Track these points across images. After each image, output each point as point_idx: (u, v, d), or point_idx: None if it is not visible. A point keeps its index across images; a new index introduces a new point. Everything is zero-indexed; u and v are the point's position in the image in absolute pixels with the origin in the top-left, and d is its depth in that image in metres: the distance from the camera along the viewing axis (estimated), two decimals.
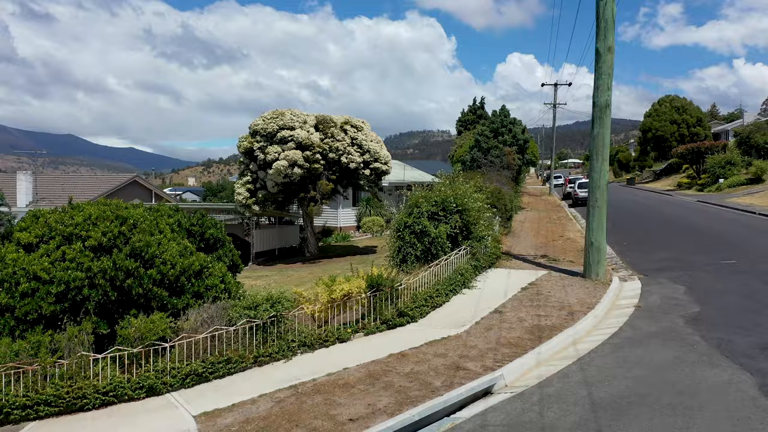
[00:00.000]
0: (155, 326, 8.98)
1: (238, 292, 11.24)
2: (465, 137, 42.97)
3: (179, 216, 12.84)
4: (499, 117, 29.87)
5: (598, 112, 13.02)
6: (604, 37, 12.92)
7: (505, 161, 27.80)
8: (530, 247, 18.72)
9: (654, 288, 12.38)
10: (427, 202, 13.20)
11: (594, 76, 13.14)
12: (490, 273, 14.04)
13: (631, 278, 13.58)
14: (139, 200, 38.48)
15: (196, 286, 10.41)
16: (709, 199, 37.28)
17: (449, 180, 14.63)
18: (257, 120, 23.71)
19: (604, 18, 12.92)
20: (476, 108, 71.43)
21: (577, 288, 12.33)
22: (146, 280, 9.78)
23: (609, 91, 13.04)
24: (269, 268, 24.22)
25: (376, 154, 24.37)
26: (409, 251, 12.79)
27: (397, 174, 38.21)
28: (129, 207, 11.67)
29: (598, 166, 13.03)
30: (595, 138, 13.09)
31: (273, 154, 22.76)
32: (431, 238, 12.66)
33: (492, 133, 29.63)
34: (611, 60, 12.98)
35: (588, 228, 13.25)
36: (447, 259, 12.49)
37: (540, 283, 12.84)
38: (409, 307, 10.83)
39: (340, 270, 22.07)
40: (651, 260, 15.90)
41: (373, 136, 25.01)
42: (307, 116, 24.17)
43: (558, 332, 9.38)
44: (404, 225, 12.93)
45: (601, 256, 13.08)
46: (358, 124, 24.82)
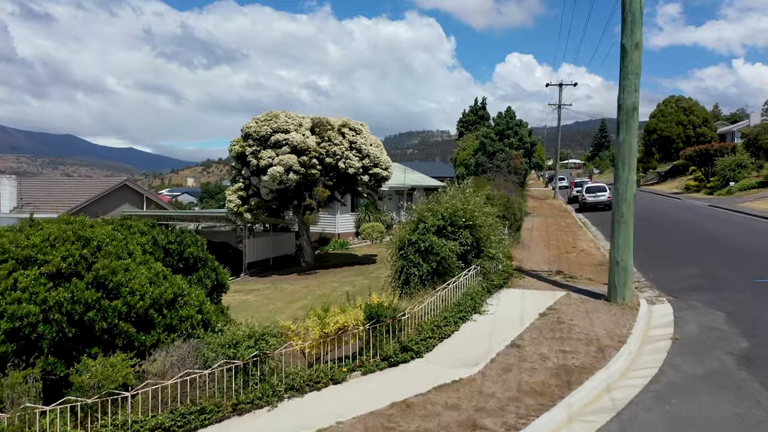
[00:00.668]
0: (115, 371, 7.60)
1: (218, 322, 9.85)
2: (468, 139, 41.60)
3: (155, 233, 11.48)
4: (504, 119, 28.50)
5: (624, 116, 11.65)
6: (630, 32, 11.56)
7: (512, 165, 26.44)
8: (543, 260, 17.35)
9: (688, 314, 11.01)
10: (433, 216, 11.83)
11: (619, 76, 11.77)
12: (502, 294, 12.66)
13: (659, 300, 12.22)
14: (129, 205, 37.15)
15: (168, 318, 9.04)
16: (720, 204, 35.94)
17: (458, 191, 13.24)
18: (250, 123, 22.36)
19: (631, 11, 11.56)
20: (477, 108, 70.06)
21: (603, 314, 10.96)
22: (110, 314, 8.40)
23: (636, 93, 11.68)
24: (262, 280, 22.84)
25: (376, 158, 23.00)
26: (413, 272, 11.43)
27: (398, 177, 36.83)
28: (96, 225, 10.29)
29: (625, 176, 11.67)
30: (620, 145, 11.73)
31: (266, 159, 21.39)
32: (438, 257, 11.30)
33: (497, 135, 28.27)
34: (639, 58, 11.61)
35: (613, 245, 11.88)
36: (456, 281, 11.12)
37: (560, 308, 11.47)
38: (414, 340, 9.46)
39: (337, 283, 20.72)
40: (676, 277, 14.54)
41: (373, 139, 23.66)
42: (303, 119, 22.81)
43: (589, 375, 8.02)
44: (408, 242, 11.56)
45: (628, 278, 11.71)
46: (356, 126, 23.46)
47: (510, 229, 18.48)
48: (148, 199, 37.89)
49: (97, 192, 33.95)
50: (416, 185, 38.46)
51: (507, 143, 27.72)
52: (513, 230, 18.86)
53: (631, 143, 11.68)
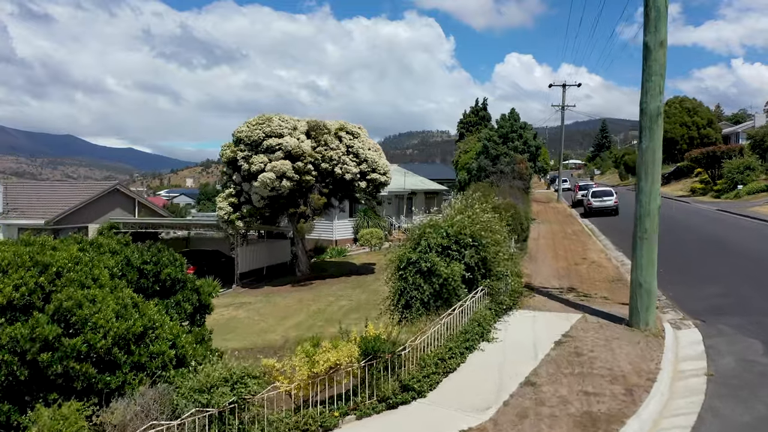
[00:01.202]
0: (66, 425, 6.51)
1: (196, 356, 8.75)
2: (469, 142, 40.50)
3: (129, 252, 10.35)
4: (508, 121, 27.40)
5: (648, 122, 10.56)
6: (654, 29, 10.46)
7: (517, 170, 25.34)
8: (552, 274, 16.26)
9: (719, 343, 9.91)
10: (436, 233, 10.73)
11: (642, 77, 10.69)
12: (512, 317, 11.57)
13: (685, 324, 11.12)
14: (120, 210, 36.02)
15: (137, 356, 7.92)
16: (730, 208, 34.86)
17: (463, 205, 12.12)
18: (241, 126, 21.26)
19: (655, 6, 10.46)
20: (478, 109, 68.91)
21: (625, 343, 9.85)
22: (67, 354, 7.31)
23: (661, 96, 10.59)
24: (255, 292, 21.72)
25: (374, 163, 21.90)
26: (414, 295, 10.33)
27: (398, 181, 35.71)
28: (60, 246, 9.18)
29: (648, 187, 10.58)
30: (643, 153, 10.64)
31: (258, 164, 20.29)
32: (442, 278, 10.20)
33: (501, 138, 27.16)
34: (664, 57, 10.52)
35: (635, 265, 10.77)
36: (462, 306, 10.02)
37: (577, 335, 10.36)
38: (415, 377, 8.37)
39: (333, 297, 19.60)
40: (698, 295, 13.44)
41: (371, 143, 22.56)
42: (298, 122, 21.71)
43: (618, 426, 6.92)
44: (408, 262, 10.46)
45: (651, 301, 10.61)
46: (354, 130, 22.36)
47: (517, 240, 17.39)
48: (140, 204, 36.72)
49: (87, 196, 32.80)
50: (416, 189, 37.35)
51: (511, 147, 26.63)
52: (520, 241, 17.77)
53: (655, 151, 10.59)
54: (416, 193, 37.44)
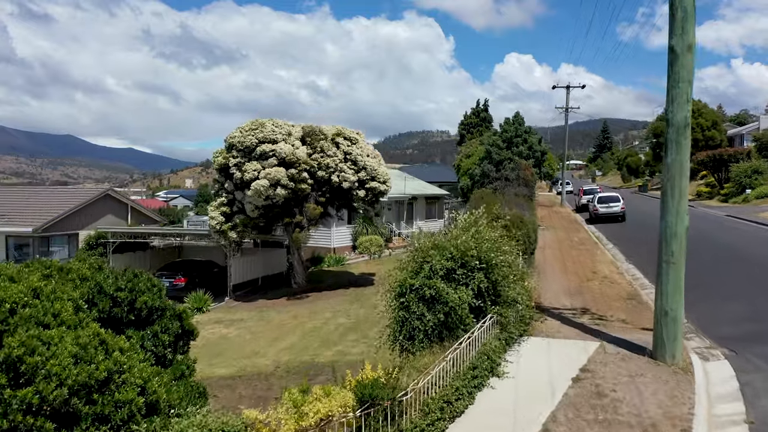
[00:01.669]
0: None
1: (170, 402, 7.76)
2: (471, 145, 39.52)
3: (100, 277, 9.36)
4: (512, 125, 26.40)
5: (674, 134, 9.57)
6: (681, 31, 9.47)
7: (522, 176, 24.35)
8: (563, 291, 15.27)
9: (756, 379, 8.91)
10: (440, 255, 9.74)
11: (667, 84, 9.70)
12: (523, 346, 10.57)
13: (713, 355, 10.13)
14: (112, 216, 35.01)
15: (100, 405, 6.90)
16: (739, 213, 33.83)
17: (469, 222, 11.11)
18: (234, 132, 20.28)
19: (682, 6, 9.47)
20: (479, 111, 68.01)
21: (651, 380, 8.86)
22: (16, 407, 6.32)
23: (688, 104, 9.59)
24: (248, 306, 20.73)
25: (374, 171, 20.92)
26: (416, 325, 9.34)
27: (398, 186, 34.71)
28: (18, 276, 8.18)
29: (674, 206, 9.59)
30: (669, 167, 9.65)
31: (251, 172, 19.32)
32: (447, 306, 9.21)
33: (505, 143, 26.17)
34: (691, 62, 9.52)
35: (660, 291, 9.78)
36: (470, 338, 9.03)
37: (596, 369, 9.37)
38: (419, 426, 7.37)
39: (330, 312, 18.60)
40: (723, 317, 12.47)
41: (370, 149, 21.58)
42: (292, 127, 20.73)
43: None
44: (409, 288, 9.47)
45: (678, 331, 9.62)
46: (351, 136, 21.38)
47: (524, 253, 16.39)
48: (132, 209, 35.74)
49: (78, 202, 31.80)
50: (417, 194, 36.36)
51: (515, 152, 25.65)
52: (527, 254, 16.78)
53: (682, 166, 9.59)
54: (417, 198, 36.44)
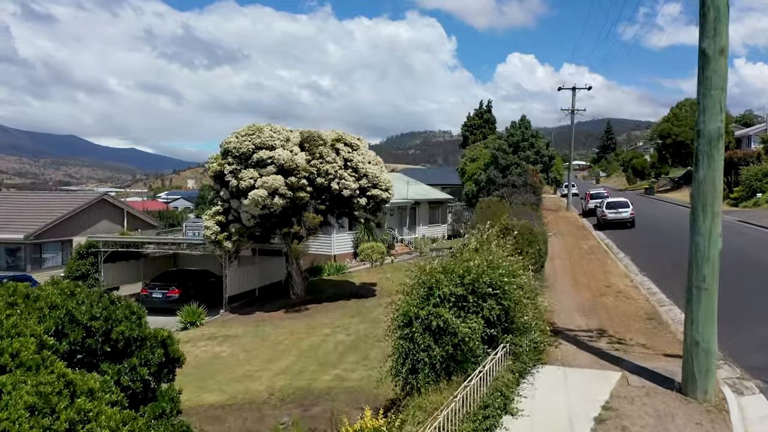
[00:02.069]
0: None
1: None
2: (475, 148, 38.62)
3: (72, 305, 8.50)
4: (519, 129, 25.51)
5: (706, 146, 8.66)
6: (713, 33, 8.56)
7: (529, 182, 23.45)
8: (576, 308, 14.38)
9: None
10: (449, 280, 8.86)
11: (697, 92, 8.79)
12: (537, 377, 9.68)
13: (747, 388, 9.22)
14: (107, 221, 34.21)
15: None
16: (751, 219, 32.87)
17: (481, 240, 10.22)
18: (229, 137, 19.44)
19: (715, 5, 8.57)
20: (483, 112, 67.10)
21: (683, 420, 7.97)
22: None
23: (722, 114, 8.68)
24: (244, 319, 19.87)
25: (375, 178, 20.05)
26: (421, 357, 8.47)
27: (400, 190, 33.83)
28: None
29: (706, 227, 8.68)
30: (700, 184, 8.75)
31: (248, 180, 18.47)
32: (456, 338, 8.34)
33: (511, 147, 25.28)
34: (725, 67, 8.62)
35: (691, 319, 8.88)
36: (481, 372, 8.15)
37: (620, 407, 8.47)
38: None
39: (329, 328, 17.70)
40: (752, 341, 11.55)
41: (371, 155, 20.71)
42: (291, 132, 19.88)
43: None
44: (414, 317, 8.59)
45: (711, 364, 8.72)
46: (352, 141, 20.51)
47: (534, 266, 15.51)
48: (129, 214, 34.98)
49: (72, 208, 31.03)
50: (420, 199, 35.48)
51: (522, 156, 24.76)
52: (537, 268, 15.89)
53: (715, 182, 8.68)
54: (420, 203, 35.56)
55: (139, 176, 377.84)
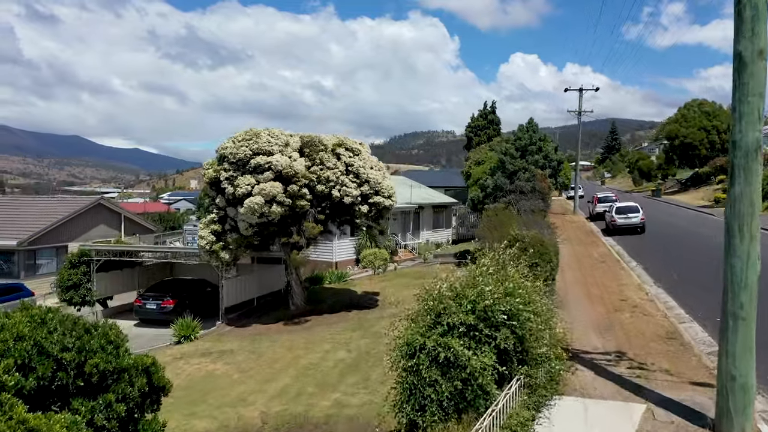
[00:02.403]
0: None
1: None
2: (480, 151, 37.79)
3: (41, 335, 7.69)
4: (527, 133, 24.66)
5: (742, 159, 7.81)
6: (751, 33, 7.72)
7: (538, 188, 22.61)
8: (591, 326, 13.54)
9: None
10: (459, 306, 8.03)
11: (733, 98, 7.95)
12: (554, 411, 8.84)
13: None
14: (105, 226, 33.48)
15: None
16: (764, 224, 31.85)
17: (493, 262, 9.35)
18: (225, 143, 18.67)
19: (752, 3, 7.73)
20: (487, 113, 66.31)
21: None
22: None
23: (760, 122, 7.84)
24: (241, 332, 19.07)
25: (378, 185, 19.24)
26: (428, 393, 7.65)
27: (403, 195, 33.00)
28: None
29: (744, 249, 7.83)
30: (736, 201, 7.90)
31: (244, 186, 17.68)
32: (466, 373, 7.52)
33: (518, 152, 24.42)
34: (764, 71, 7.77)
35: (726, 352, 8.03)
36: (494, 411, 7.32)
37: None
38: None
39: (330, 343, 16.85)
40: None
41: (373, 161, 19.89)
42: (290, 137, 19.08)
43: None
44: (420, 348, 7.77)
45: (749, 399, 7.88)
46: (354, 146, 19.71)
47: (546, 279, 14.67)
48: (126, 219, 34.24)
49: (67, 213, 30.28)
50: (424, 203, 34.66)
51: (531, 161, 23.89)
52: (549, 281, 15.05)
53: (752, 198, 7.84)
54: (424, 207, 34.73)
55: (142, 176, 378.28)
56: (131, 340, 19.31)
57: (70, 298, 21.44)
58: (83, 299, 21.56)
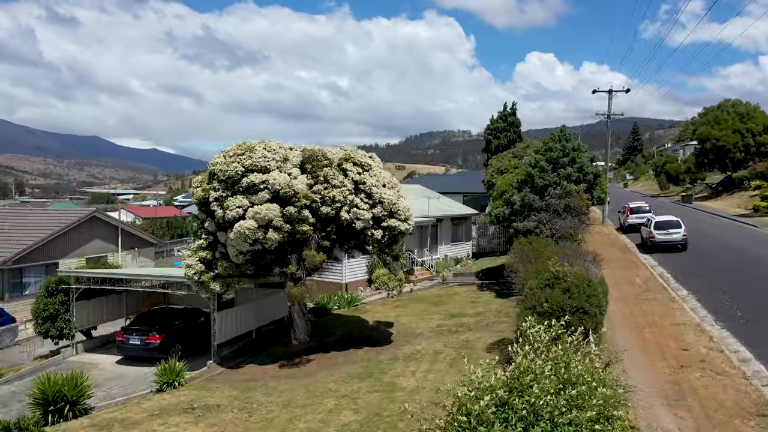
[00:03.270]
0: None
1: None
2: (503, 158, 35.05)
3: None
4: (559, 143, 21.94)
5: None
6: None
7: (572, 206, 19.92)
8: (657, 394, 10.87)
9: None
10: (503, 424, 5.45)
11: None
12: None
13: None
14: (100, 240, 31.24)
15: None
16: None
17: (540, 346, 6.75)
18: (216, 157, 16.28)
19: None
20: (507, 114, 63.24)
21: None
22: None
23: None
24: (233, 376, 16.63)
25: (392, 205, 16.72)
26: None
27: (420, 207, 30.42)
28: None
29: None
30: None
31: (234, 209, 15.27)
32: None
33: (550, 164, 21.71)
34: None
35: None
36: None
37: None
38: None
39: (334, 398, 14.16)
40: None
41: (386, 177, 17.37)
42: (289, 151, 16.66)
43: None
44: None
45: None
46: (363, 160, 17.20)
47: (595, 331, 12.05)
48: (123, 232, 32.06)
49: (57, 228, 28.13)
50: (442, 215, 32.06)
51: (563, 174, 21.18)
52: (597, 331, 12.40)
53: None
54: (442, 219, 32.14)
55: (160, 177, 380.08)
56: (109, 383, 16.52)
57: (46, 330, 19.20)
58: (61, 332, 19.28)
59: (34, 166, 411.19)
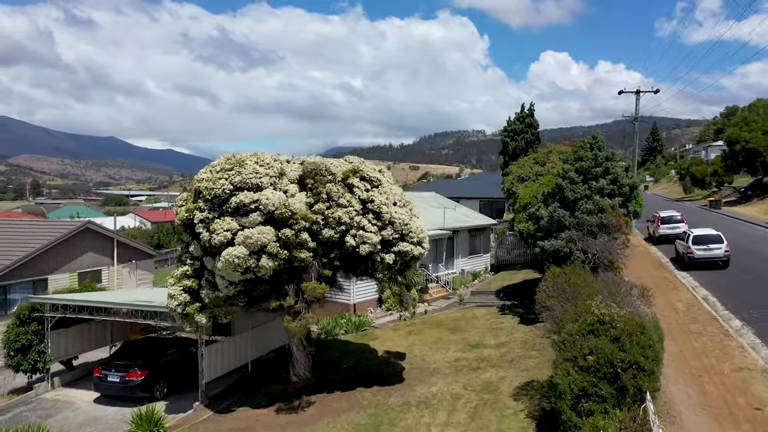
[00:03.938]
0: None
1: None
2: (525, 165, 32.69)
3: None
4: (590, 152, 19.63)
5: None
6: None
7: (608, 223, 17.62)
8: None
9: None
10: None
11: None
12: None
13: None
14: (93, 254, 29.35)
15: None
16: None
17: None
18: (202, 172, 14.23)
19: None
20: (524, 116, 60.80)
21: None
22: None
23: None
24: (221, 422, 14.53)
25: (404, 227, 14.55)
26: None
27: (436, 219, 28.17)
28: None
29: None
30: None
31: (222, 233, 13.19)
32: None
33: (580, 176, 19.41)
34: None
35: None
36: None
37: None
38: None
39: None
40: None
41: (397, 194, 15.19)
42: (286, 164, 14.57)
43: None
44: None
45: None
46: (372, 175, 15.03)
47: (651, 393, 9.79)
48: (119, 244, 30.17)
49: (47, 241, 26.27)
50: (459, 227, 29.80)
51: (595, 187, 18.86)
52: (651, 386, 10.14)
53: None
54: (458, 231, 29.87)
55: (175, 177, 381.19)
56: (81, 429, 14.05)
57: (17, 364, 17.26)
58: (34, 365, 17.32)
59: (52, 167, 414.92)
